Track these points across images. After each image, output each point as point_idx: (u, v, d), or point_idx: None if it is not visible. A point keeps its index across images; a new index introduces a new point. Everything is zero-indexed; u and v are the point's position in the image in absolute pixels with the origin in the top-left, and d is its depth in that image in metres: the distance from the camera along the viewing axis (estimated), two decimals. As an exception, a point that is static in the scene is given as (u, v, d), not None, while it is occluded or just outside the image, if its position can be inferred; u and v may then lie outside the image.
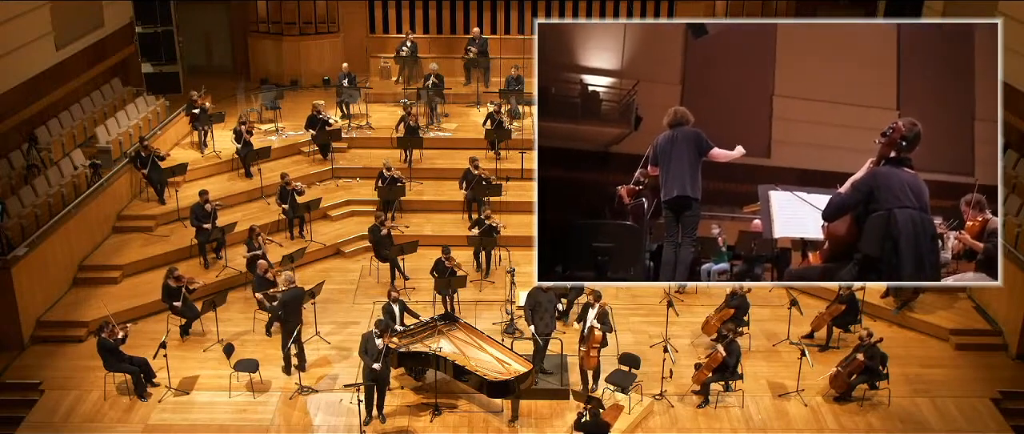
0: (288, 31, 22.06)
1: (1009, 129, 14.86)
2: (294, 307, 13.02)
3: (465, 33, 21.87)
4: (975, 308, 14.74)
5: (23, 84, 15.93)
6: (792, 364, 13.12)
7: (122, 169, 16.70)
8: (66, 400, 12.65)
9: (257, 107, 20.02)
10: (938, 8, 18.57)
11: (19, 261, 13.61)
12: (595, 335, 12.38)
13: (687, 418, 12.44)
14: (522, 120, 19.53)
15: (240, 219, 16.16)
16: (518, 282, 14.14)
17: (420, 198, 17.79)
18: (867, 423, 12.43)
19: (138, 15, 20.61)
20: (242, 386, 12.83)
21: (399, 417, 12.31)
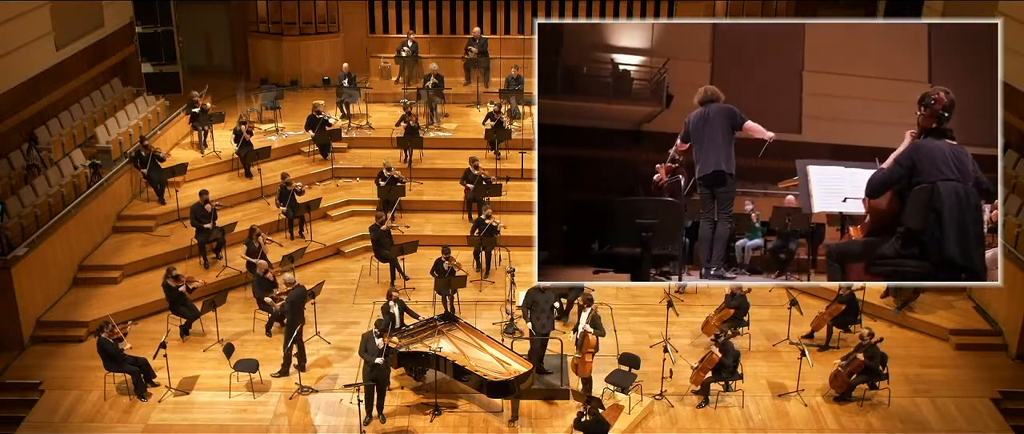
0: (288, 31, 22.07)
1: (1009, 129, 14.85)
2: (298, 306, 13.04)
3: (465, 33, 21.88)
4: (975, 308, 14.74)
5: (23, 84, 15.94)
6: (792, 364, 13.12)
7: (122, 169, 16.71)
8: (66, 400, 12.65)
9: (257, 107, 20.02)
10: (938, 8, 18.57)
11: (19, 261, 13.61)
12: (589, 339, 12.35)
13: (687, 418, 12.43)
14: (522, 120, 19.53)
15: (240, 219, 16.16)
16: (518, 282, 14.14)
17: (420, 198, 17.79)
18: (867, 423, 12.42)
19: (138, 15, 20.61)
20: (242, 386, 12.83)
21: (399, 417, 12.31)
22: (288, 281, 13.27)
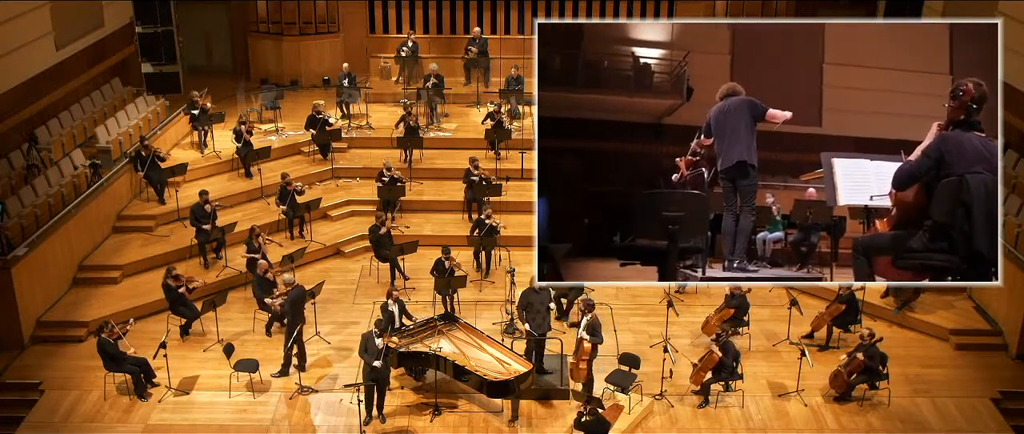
0: (288, 31, 22.07)
1: (1009, 129, 14.86)
2: (298, 306, 13.04)
3: (465, 33, 21.88)
4: (975, 308, 14.74)
5: (23, 84, 15.94)
6: (792, 364, 13.12)
7: (122, 169, 16.71)
8: (66, 400, 12.65)
9: (257, 107, 20.02)
10: (938, 8, 18.56)
11: (19, 261, 13.61)
12: (584, 347, 12.33)
13: (687, 418, 12.43)
14: (522, 120, 19.53)
15: (240, 219, 16.16)
16: (518, 282, 14.13)
17: (420, 198, 17.78)
18: (867, 423, 12.42)
19: (138, 15, 20.62)
20: (242, 386, 12.83)
21: (399, 417, 12.31)
22: (288, 281, 13.27)
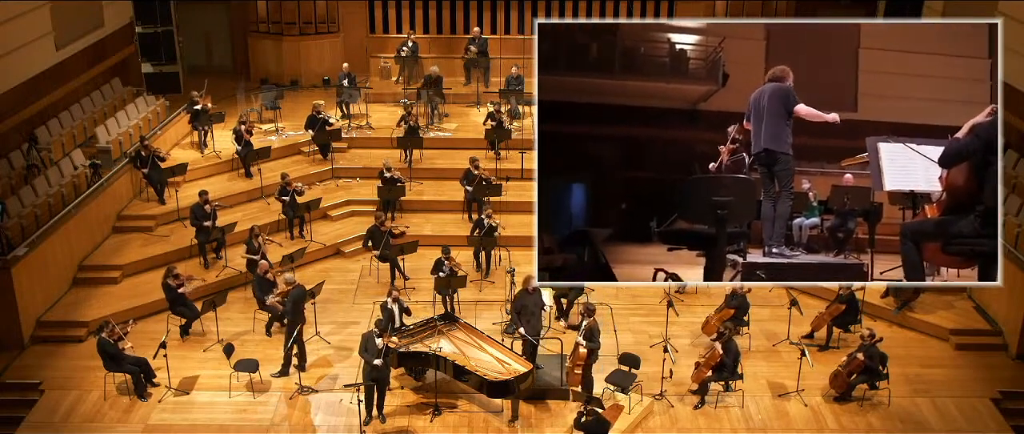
0: (288, 31, 22.07)
1: (1009, 129, 14.85)
2: (298, 306, 13.04)
3: (465, 33, 21.89)
4: (975, 308, 14.74)
5: (23, 84, 15.93)
6: (792, 364, 13.12)
7: (122, 169, 16.71)
8: (66, 400, 12.65)
9: (257, 107, 20.02)
10: (938, 8, 18.56)
11: (19, 261, 13.61)
12: (579, 352, 12.29)
13: (687, 418, 12.43)
14: (522, 120, 19.53)
15: (240, 219, 16.16)
16: (518, 282, 14.13)
17: (420, 198, 17.78)
18: (867, 423, 12.42)
19: (138, 15, 20.62)
20: (242, 386, 12.83)
21: (399, 417, 12.31)
22: (288, 281, 13.28)
